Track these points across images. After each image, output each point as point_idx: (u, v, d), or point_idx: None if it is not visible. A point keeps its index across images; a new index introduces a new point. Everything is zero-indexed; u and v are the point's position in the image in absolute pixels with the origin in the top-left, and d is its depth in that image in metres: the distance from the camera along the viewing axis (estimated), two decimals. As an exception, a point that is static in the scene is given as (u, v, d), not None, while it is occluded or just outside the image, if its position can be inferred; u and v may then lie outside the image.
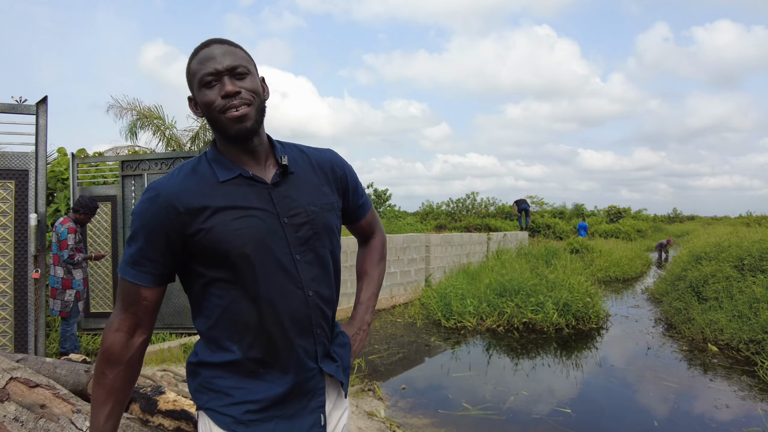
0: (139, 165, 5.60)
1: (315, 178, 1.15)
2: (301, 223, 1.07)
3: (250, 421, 1.01)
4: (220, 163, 1.07)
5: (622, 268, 13.68)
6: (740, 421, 4.11)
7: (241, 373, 1.03)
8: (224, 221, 1.00)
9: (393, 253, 9.36)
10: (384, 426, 3.68)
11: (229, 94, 1.00)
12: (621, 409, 4.49)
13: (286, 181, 1.09)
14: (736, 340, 6.17)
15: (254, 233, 1.01)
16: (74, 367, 1.94)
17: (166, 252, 1.01)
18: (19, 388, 1.54)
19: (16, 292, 3.75)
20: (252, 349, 1.03)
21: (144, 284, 1.02)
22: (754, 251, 7.69)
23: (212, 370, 1.04)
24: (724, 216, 49.77)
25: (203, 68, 1.02)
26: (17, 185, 3.77)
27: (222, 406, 1.02)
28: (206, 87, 1.02)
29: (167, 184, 1.03)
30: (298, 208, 1.08)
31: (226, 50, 1.03)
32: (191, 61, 1.05)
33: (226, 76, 1.01)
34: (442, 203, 24.27)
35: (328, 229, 1.12)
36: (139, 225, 1.01)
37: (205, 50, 1.03)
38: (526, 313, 7.50)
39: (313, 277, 1.08)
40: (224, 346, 1.03)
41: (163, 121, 12.18)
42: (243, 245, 1.00)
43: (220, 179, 1.04)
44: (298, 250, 1.06)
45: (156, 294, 1.04)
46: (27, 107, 3.75)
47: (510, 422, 4.08)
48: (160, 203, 1.00)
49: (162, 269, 1.03)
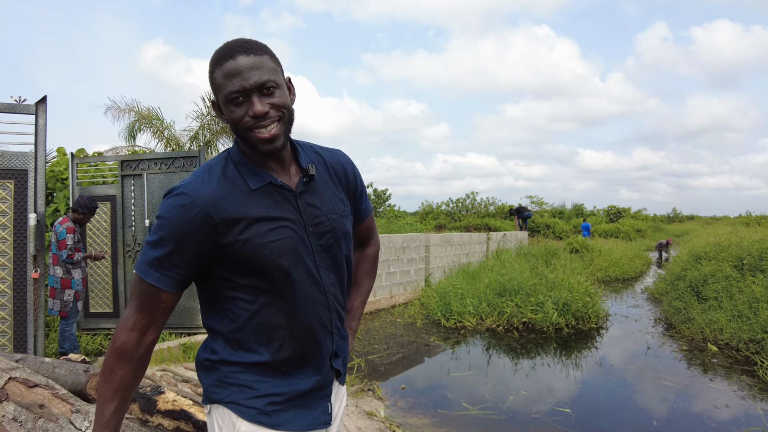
0: (139, 165, 5.59)
1: (331, 184, 1.16)
2: (324, 231, 1.09)
3: (273, 411, 1.04)
4: (248, 168, 1.04)
5: (621, 268, 13.69)
6: (740, 421, 4.11)
7: (264, 373, 1.05)
8: (260, 233, 1.00)
9: (392, 252, 9.36)
10: (383, 426, 3.68)
11: (258, 115, 0.97)
12: (620, 409, 4.49)
13: (309, 188, 1.10)
14: (735, 340, 6.16)
15: (288, 244, 1.02)
16: (73, 367, 1.94)
17: (194, 260, 1.00)
18: (18, 388, 1.54)
19: (16, 292, 3.74)
20: (280, 351, 1.05)
21: (166, 288, 1.00)
22: (754, 251, 7.69)
23: (234, 367, 1.05)
24: (723, 216, 49.79)
25: (229, 85, 0.97)
26: (16, 185, 3.77)
27: (245, 399, 1.04)
28: (233, 104, 0.99)
29: (201, 190, 0.99)
30: (321, 217, 1.09)
31: (252, 63, 0.97)
32: (215, 71, 1.00)
33: (255, 95, 0.98)
34: (442, 203, 24.30)
35: (346, 236, 1.15)
36: (170, 232, 0.97)
37: (230, 63, 0.97)
38: (526, 313, 7.50)
39: (332, 282, 1.12)
40: (251, 348, 1.05)
41: (161, 122, 12.18)
42: (279, 257, 1.01)
43: (251, 187, 1.02)
44: (320, 257, 1.09)
45: (175, 298, 1.04)
46: (26, 107, 3.74)
47: (509, 422, 4.08)
48: (195, 212, 0.97)
49: (186, 276, 1.02)
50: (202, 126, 12.53)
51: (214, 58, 1.01)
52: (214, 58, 1.01)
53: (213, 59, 1.01)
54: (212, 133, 12.64)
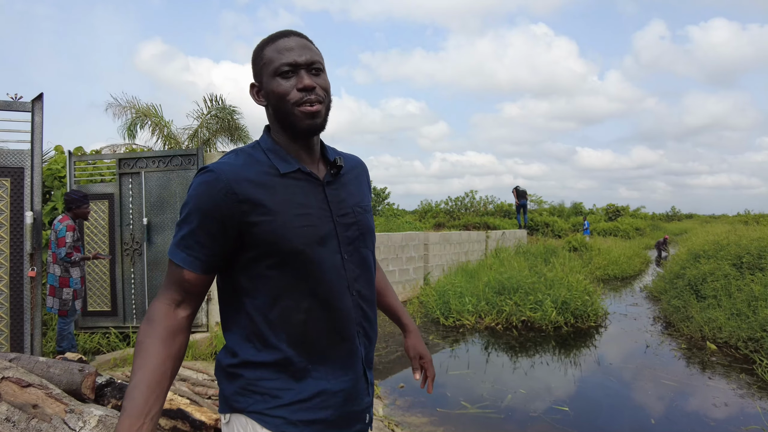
0: (137, 163, 5.57)
1: (356, 182, 1.17)
2: (350, 223, 1.08)
3: (300, 421, 1.00)
4: (277, 155, 1.05)
5: (620, 267, 13.69)
6: (738, 419, 4.10)
7: (289, 373, 1.01)
8: (286, 217, 0.99)
9: (392, 251, 9.35)
10: (382, 424, 3.67)
11: (307, 88, 1.00)
12: (618, 407, 4.49)
13: (336, 180, 1.10)
14: (734, 338, 6.16)
15: (315, 231, 1.01)
16: (68, 366, 1.93)
17: (219, 238, 0.97)
18: (11, 387, 1.53)
19: (12, 291, 3.73)
20: (301, 346, 1.01)
21: (190, 269, 0.98)
22: (753, 249, 7.70)
23: (258, 370, 1.01)
24: (722, 214, 49.91)
25: (282, 57, 1.01)
26: (13, 183, 3.74)
27: (270, 409, 0.99)
28: (281, 77, 1.01)
29: (227, 168, 0.98)
30: (347, 209, 1.09)
31: (305, 44, 1.03)
32: (265, 48, 1.04)
33: (304, 70, 1.01)
34: (441, 201, 24.22)
35: (370, 231, 1.15)
36: (194, 207, 0.97)
37: (283, 40, 1.03)
38: (525, 312, 7.50)
39: (356, 276, 1.08)
40: (271, 343, 1.00)
41: (161, 120, 12.15)
42: (305, 243, 0.99)
43: (280, 171, 1.02)
44: (346, 250, 1.07)
45: (201, 281, 1.00)
46: (22, 104, 3.72)
47: (508, 420, 4.07)
48: (219, 187, 0.96)
49: (211, 257, 0.99)
50: (201, 125, 12.51)
51: (265, 40, 1.05)
52: (265, 40, 1.05)
53: (264, 41, 1.06)
54: (211, 132, 12.62)
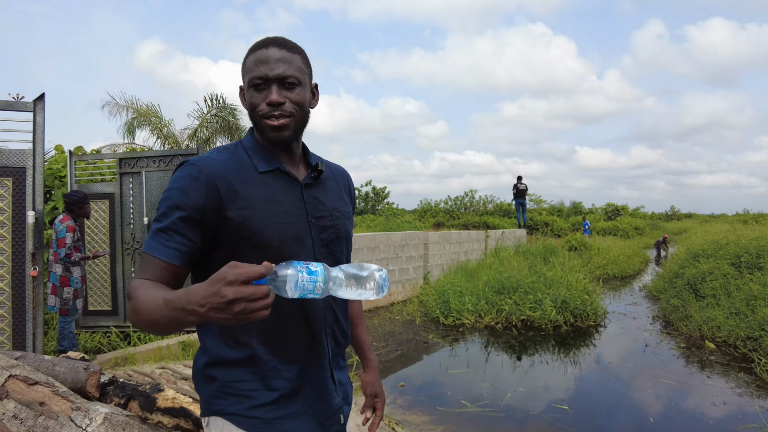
0: (137, 162, 5.58)
1: (337, 188, 1.20)
2: (326, 226, 1.10)
3: (275, 419, 1.02)
4: (258, 153, 1.08)
5: (619, 266, 13.71)
6: (737, 418, 4.13)
7: (261, 372, 1.03)
8: (263, 213, 1.01)
9: (391, 250, 9.36)
10: (382, 423, 3.69)
11: (272, 104, 1.02)
12: (617, 406, 4.51)
13: (316, 183, 1.13)
14: (733, 337, 6.19)
15: (292, 229, 1.04)
16: (73, 364, 1.94)
17: (198, 230, 0.98)
18: (18, 385, 1.54)
19: (14, 290, 3.74)
20: (270, 344, 1.03)
21: (166, 259, 0.95)
22: (751, 249, 7.72)
23: (231, 370, 1.02)
24: (721, 213, 49.93)
25: (255, 70, 1.03)
26: (14, 183, 3.76)
27: (246, 410, 1.01)
28: (254, 89, 1.04)
29: (209, 163, 1.01)
30: (324, 211, 1.11)
31: (281, 56, 1.03)
32: (248, 57, 1.06)
33: (275, 85, 1.02)
34: (441, 201, 24.22)
35: (347, 236, 1.17)
36: (177, 200, 0.97)
37: (261, 51, 1.03)
38: (524, 311, 7.52)
39: None
40: (241, 340, 1.02)
41: (160, 120, 12.16)
42: (280, 240, 1.01)
43: (259, 169, 1.05)
44: (320, 252, 1.09)
45: (179, 273, 0.97)
46: (24, 104, 3.73)
47: (507, 419, 4.09)
48: (202, 181, 0.98)
49: (191, 249, 0.98)
50: (201, 125, 12.52)
51: (250, 47, 1.07)
52: (250, 47, 1.07)
53: (249, 48, 1.07)
54: (210, 132, 12.63)
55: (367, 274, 0.88)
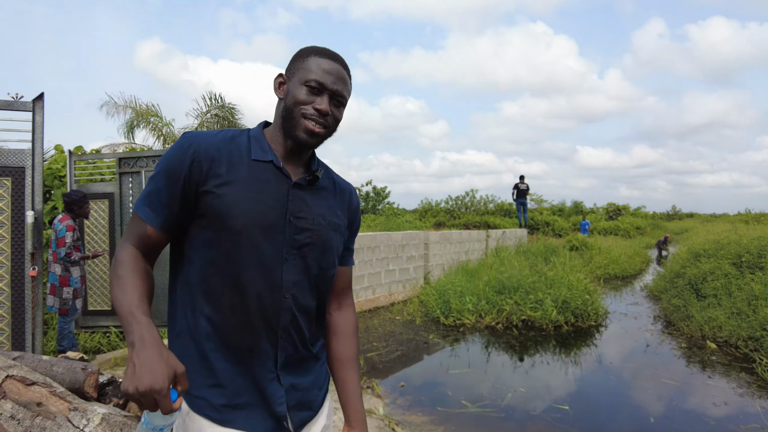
0: (137, 162, 5.58)
1: (333, 200, 1.18)
2: (303, 228, 1.08)
3: (222, 406, 1.03)
4: (258, 143, 1.10)
5: (621, 266, 13.69)
6: (738, 418, 4.11)
7: (209, 356, 1.03)
8: (238, 194, 1.02)
9: (392, 250, 9.35)
10: (383, 423, 3.68)
11: (321, 112, 1.06)
12: (618, 406, 4.50)
13: (308, 187, 1.12)
14: (734, 337, 6.17)
15: (262, 218, 1.03)
16: (71, 365, 1.93)
17: (179, 200, 1.03)
18: (16, 386, 1.53)
19: (13, 290, 3.73)
20: (219, 328, 1.03)
21: (151, 224, 1.04)
22: (753, 248, 7.70)
23: (184, 359, 1.02)
24: (722, 213, 49.90)
25: (318, 74, 1.06)
26: (14, 182, 3.75)
27: (196, 388, 1.03)
28: (307, 86, 1.06)
29: (202, 138, 1.06)
30: (307, 213, 1.10)
31: (343, 77, 1.09)
32: (311, 57, 1.08)
33: (328, 96, 1.07)
34: (441, 201, 24.21)
35: (327, 246, 1.13)
36: (164, 167, 1.04)
37: (329, 61, 1.08)
38: (525, 311, 7.50)
39: (295, 281, 1.07)
40: (201, 309, 1.04)
41: (160, 119, 12.15)
42: (245, 224, 1.02)
43: (252, 156, 1.07)
44: (290, 251, 1.07)
45: (159, 238, 1.05)
46: (23, 104, 3.72)
47: (508, 419, 4.08)
48: (189, 153, 1.03)
49: (170, 216, 1.04)
50: (201, 124, 12.51)
51: (317, 49, 1.10)
52: (317, 49, 1.10)
53: (315, 49, 1.10)
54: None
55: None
